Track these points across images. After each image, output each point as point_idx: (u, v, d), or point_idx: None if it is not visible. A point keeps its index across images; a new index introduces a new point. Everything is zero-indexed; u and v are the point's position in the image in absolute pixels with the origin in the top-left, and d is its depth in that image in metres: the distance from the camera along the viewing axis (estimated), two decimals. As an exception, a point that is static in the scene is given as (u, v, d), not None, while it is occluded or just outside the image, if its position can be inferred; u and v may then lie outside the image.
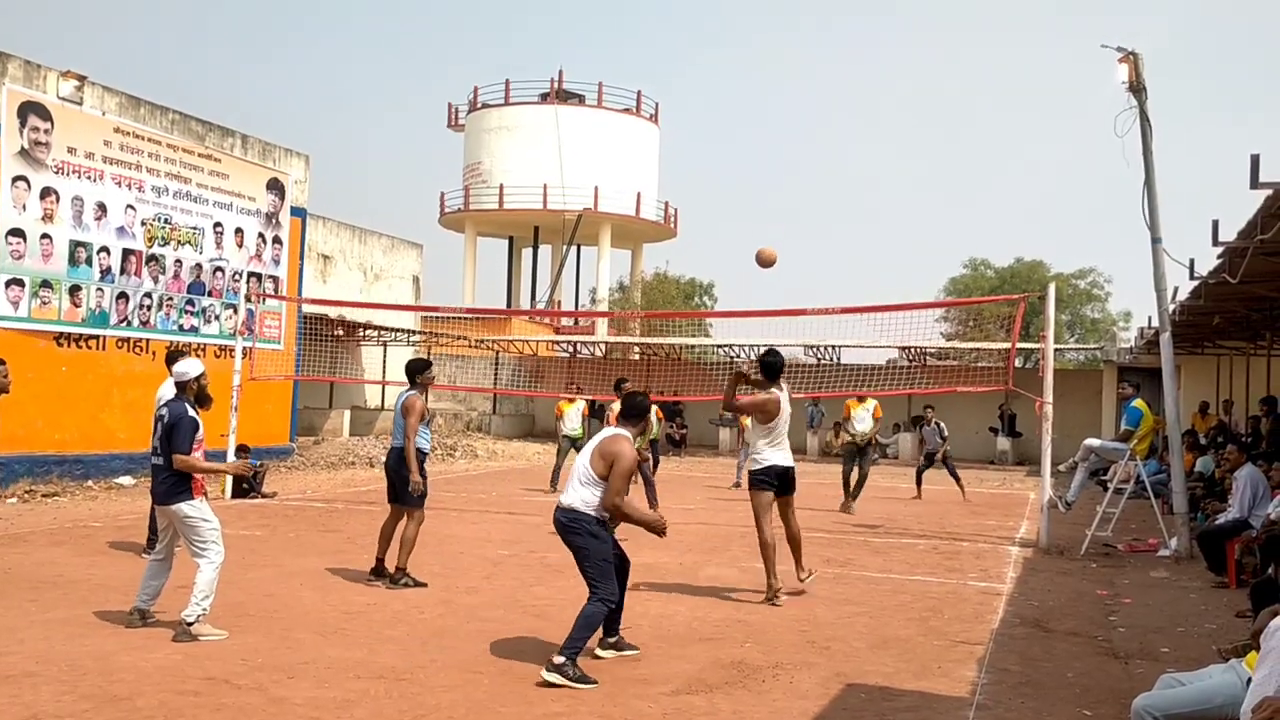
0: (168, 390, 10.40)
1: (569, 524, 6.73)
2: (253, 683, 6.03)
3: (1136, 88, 11.84)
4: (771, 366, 9.03)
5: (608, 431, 6.99)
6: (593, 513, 6.69)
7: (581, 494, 6.72)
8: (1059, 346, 35.96)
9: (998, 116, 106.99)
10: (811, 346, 29.14)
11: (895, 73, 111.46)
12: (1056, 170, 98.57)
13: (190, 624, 6.99)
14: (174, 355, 11.06)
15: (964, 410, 28.73)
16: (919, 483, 18.35)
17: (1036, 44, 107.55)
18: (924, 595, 9.37)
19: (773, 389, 8.97)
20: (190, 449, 7.25)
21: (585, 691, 6.07)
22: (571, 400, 18.07)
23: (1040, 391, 12.62)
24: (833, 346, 28.78)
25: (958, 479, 17.96)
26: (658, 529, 7.00)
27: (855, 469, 16.06)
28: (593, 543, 6.69)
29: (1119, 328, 44.72)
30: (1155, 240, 12.04)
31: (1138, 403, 12.41)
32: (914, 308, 13.90)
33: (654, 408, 17.34)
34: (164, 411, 7.39)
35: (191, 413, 7.37)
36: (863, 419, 16.07)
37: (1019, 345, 27.00)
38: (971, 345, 31.57)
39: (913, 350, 27.53)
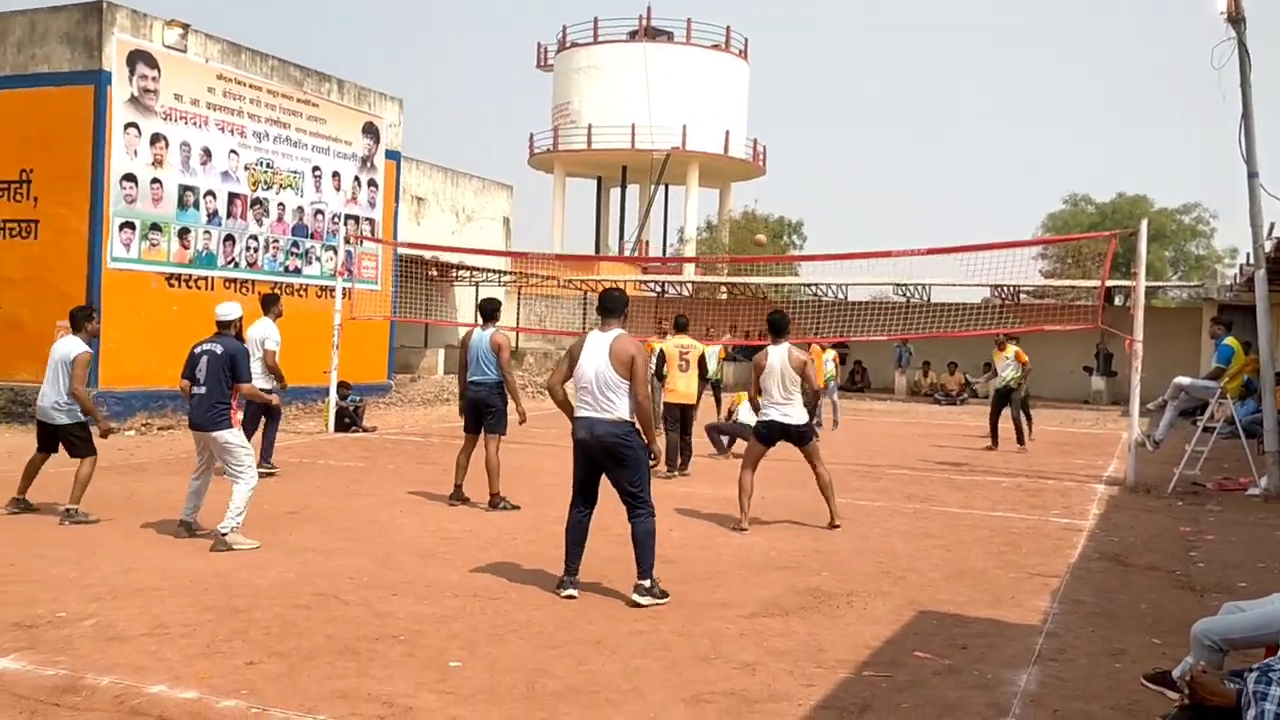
0: (260, 329, 11.10)
1: (623, 438, 6.60)
2: (359, 599, 6.48)
3: (1235, 18, 11.52)
4: (773, 324, 9.39)
5: (612, 334, 6.75)
6: (631, 420, 6.66)
7: (621, 402, 6.60)
8: (1159, 284, 35.15)
9: (1099, 47, 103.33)
10: (901, 285, 28.92)
11: (994, 6, 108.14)
12: (1160, 102, 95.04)
13: (225, 534, 7.78)
14: (272, 297, 11.73)
15: (1059, 349, 28.31)
16: (992, 428, 16.43)
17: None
18: (1004, 530, 9.51)
19: (769, 346, 9.27)
20: (250, 378, 8.45)
21: (666, 610, 6.41)
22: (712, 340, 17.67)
23: (1132, 329, 12.50)
24: (923, 285, 28.52)
25: (1018, 421, 16.26)
26: (654, 449, 6.83)
27: (1003, 413, 16.31)
28: (643, 454, 6.71)
29: (1225, 264, 43.39)
30: (1252, 175, 11.77)
31: (1229, 340, 12.22)
32: (1001, 247, 13.82)
33: (816, 350, 17.57)
34: (216, 346, 8.22)
35: (244, 346, 8.53)
36: (1005, 365, 16.28)
37: (1119, 283, 26.63)
38: (1063, 283, 31.01)
39: (1005, 289, 27.17)
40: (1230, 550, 8.88)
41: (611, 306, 6.96)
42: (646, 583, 6.61)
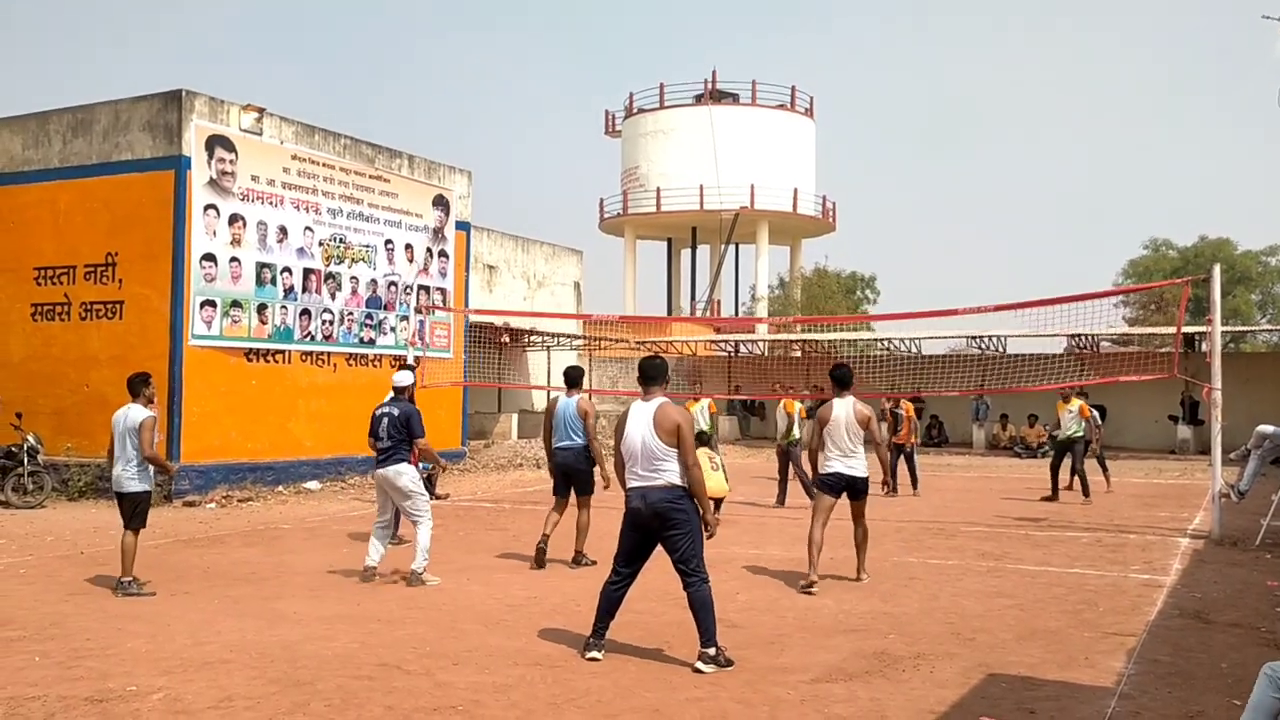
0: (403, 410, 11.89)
1: (675, 503, 6.57)
2: (421, 669, 6.53)
3: (1302, 58, 11.30)
4: (837, 378, 9.48)
5: (655, 403, 6.71)
6: (683, 484, 6.62)
7: (670, 469, 6.57)
8: (1244, 329, 34.18)
9: (1179, 91, 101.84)
10: (975, 338, 28.54)
11: (1066, 51, 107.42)
12: (1240, 142, 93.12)
13: (420, 573, 9.25)
14: (402, 368, 12.33)
15: (1143, 399, 27.65)
16: (1053, 479, 16.29)
17: (1217, 12, 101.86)
18: (1080, 588, 9.26)
19: (834, 399, 9.33)
20: (424, 434, 9.61)
21: (726, 676, 6.35)
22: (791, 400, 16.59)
23: (1210, 378, 12.19)
24: (998, 337, 28.10)
25: (1082, 475, 16.03)
26: (709, 519, 6.77)
27: (1065, 466, 16.27)
28: (695, 519, 6.67)
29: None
30: (1328, 215, 11.48)
31: (1314, 386, 11.85)
32: (1069, 300, 13.58)
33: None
34: (393, 409, 9.54)
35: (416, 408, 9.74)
36: (1068, 419, 16.19)
37: (1197, 329, 25.95)
38: (1139, 330, 30.32)
39: (1083, 338, 26.66)
40: (1320, 605, 8.53)
41: (653, 375, 6.93)
42: (711, 650, 6.56)
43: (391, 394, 9.99)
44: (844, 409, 9.22)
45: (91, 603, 8.54)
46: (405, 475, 9.40)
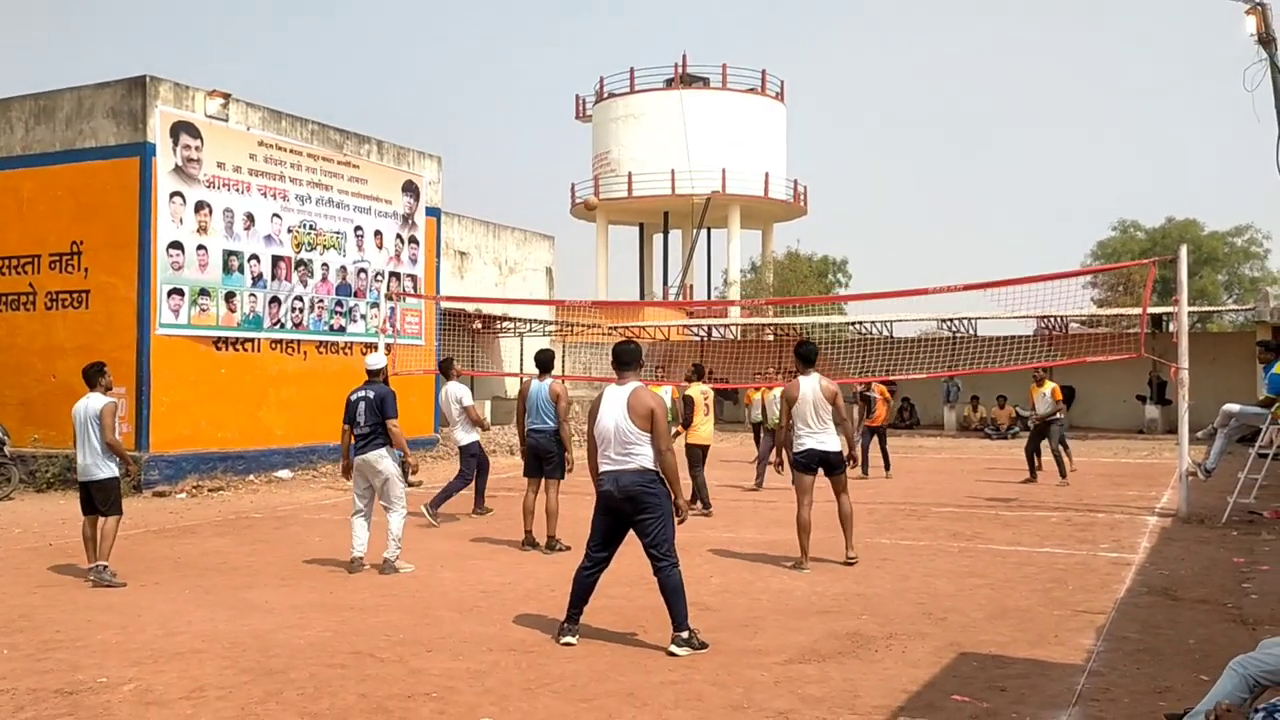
0: (454, 390, 12.70)
1: (647, 486, 6.59)
2: (394, 656, 6.51)
3: (1265, 39, 11.42)
4: (802, 355, 9.52)
5: (629, 387, 6.73)
6: (654, 469, 6.65)
7: (642, 453, 6.59)
8: (1210, 309, 34.53)
9: (1146, 71, 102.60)
10: (946, 321, 28.71)
11: (1036, 38, 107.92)
12: (1209, 122, 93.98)
13: (392, 560, 9.19)
14: (447, 362, 13.28)
15: (1112, 379, 27.90)
16: (1030, 461, 16.47)
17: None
18: (1050, 567, 9.34)
19: (799, 376, 9.35)
20: (397, 415, 9.45)
21: (700, 659, 6.37)
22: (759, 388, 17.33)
23: (1178, 357, 12.31)
24: (969, 320, 28.29)
25: (1058, 455, 16.16)
26: (680, 504, 6.77)
27: (1041, 447, 16.46)
28: (666, 503, 6.69)
29: (1279, 286, 42.57)
30: (1292, 196, 11.61)
31: (1278, 367, 11.98)
32: (1038, 280, 13.66)
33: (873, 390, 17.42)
34: (368, 392, 9.42)
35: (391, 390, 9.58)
36: (1041, 400, 16.30)
37: (1163, 309, 26.20)
38: (1107, 312, 30.59)
39: (1053, 320, 26.85)
40: (1285, 580, 8.65)
41: (626, 360, 6.97)
42: (684, 634, 6.57)
43: (367, 378, 9.89)
44: (810, 386, 9.25)
45: (61, 594, 8.47)
46: (386, 459, 9.35)
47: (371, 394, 9.44)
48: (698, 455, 13.19)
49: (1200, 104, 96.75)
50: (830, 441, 9.25)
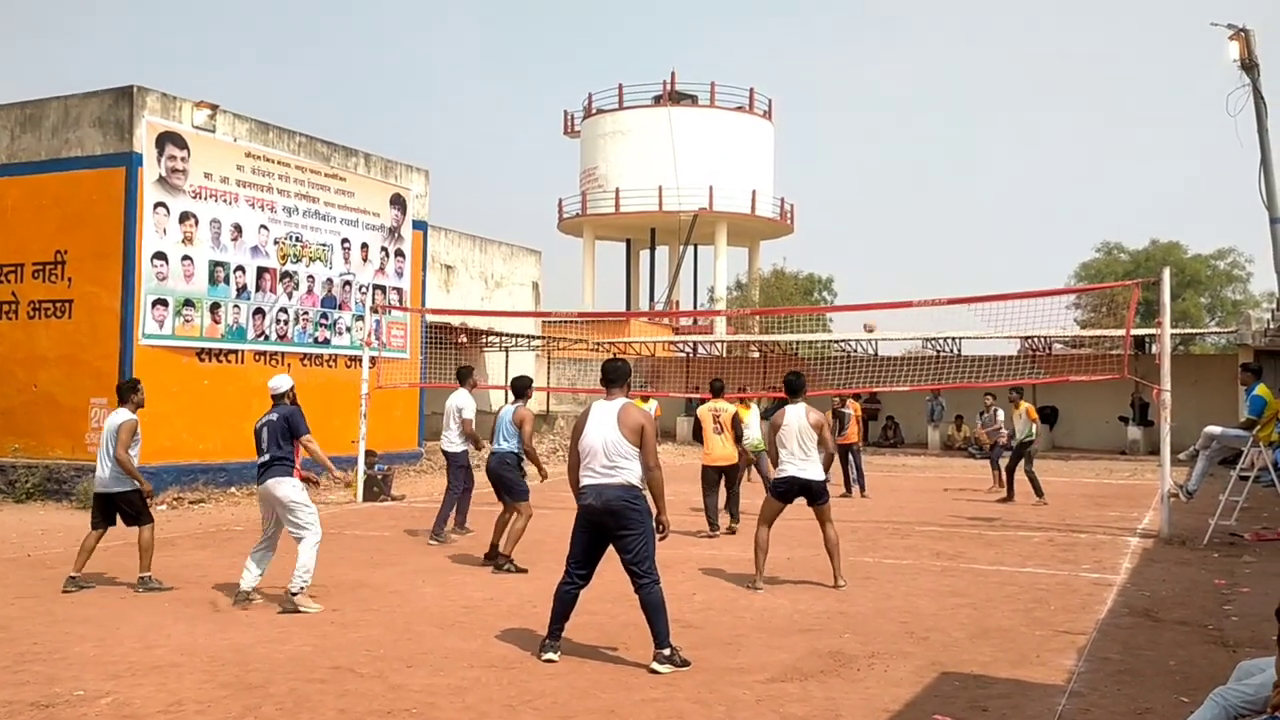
0: (457, 399, 12.39)
1: (631, 502, 6.58)
2: (374, 671, 6.48)
3: (1249, 65, 11.53)
4: (789, 385, 9.51)
5: (618, 402, 6.77)
6: (640, 486, 6.64)
7: (629, 468, 6.59)
8: (1193, 331, 34.78)
9: (1131, 96, 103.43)
10: (930, 339, 28.81)
11: (1022, 57, 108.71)
12: (1193, 148, 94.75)
13: (295, 595, 8.24)
14: (466, 370, 12.86)
15: (1094, 400, 28.07)
16: (1009, 481, 16.62)
17: (1172, 22, 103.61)
18: (1032, 587, 9.36)
19: (787, 406, 9.36)
20: (309, 432, 8.79)
21: (682, 677, 6.35)
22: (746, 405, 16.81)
23: (1161, 379, 12.37)
24: (952, 338, 28.39)
25: (1010, 478, 16.51)
26: (663, 520, 6.81)
27: (1019, 468, 16.52)
28: (648, 520, 6.68)
29: (1262, 309, 42.87)
30: (1274, 221, 11.73)
31: (1260, 389, 12.06)
32: (1022, 296, 13.74)
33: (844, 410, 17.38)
34: (272, 415, 8.80)
35: (297, 409, 8.93)
36: (1019, 421, 16.49)
37: (1146, 331, 26.38)
38: (1090, 333, 30.78)
39: (1035, 339, 26.99)
40: (1266, 603, 8.64)
41: (615, 376, 6.99)
42: (666, 651, 6.56)
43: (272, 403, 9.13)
44: (796, 415, 9.25)
45: (39, 606, 8.39)
46: (284, 485, 8.62)
47: (275, 417, 8.79)
48: (712, 477, 12.75)
49: (1187, 125, 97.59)
50: (813, 470, 9.20)
